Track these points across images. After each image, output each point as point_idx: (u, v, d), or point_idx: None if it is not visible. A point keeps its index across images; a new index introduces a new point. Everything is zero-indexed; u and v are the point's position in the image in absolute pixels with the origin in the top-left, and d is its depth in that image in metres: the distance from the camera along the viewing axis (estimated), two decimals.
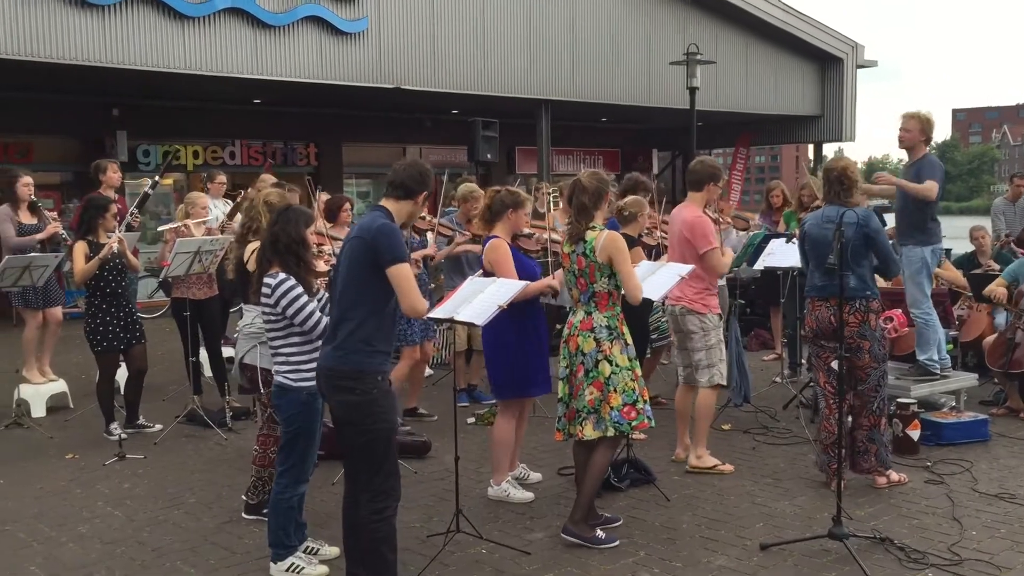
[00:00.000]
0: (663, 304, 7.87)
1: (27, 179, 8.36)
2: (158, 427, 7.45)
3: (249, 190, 7.85)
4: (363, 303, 4.08)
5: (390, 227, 4.11)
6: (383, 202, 4.27)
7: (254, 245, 5.23)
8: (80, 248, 7.04)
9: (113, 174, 8.62)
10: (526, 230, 6.15)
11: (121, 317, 7.18)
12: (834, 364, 5.80)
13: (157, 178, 8.85)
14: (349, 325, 4.08)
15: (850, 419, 5.87)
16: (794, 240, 7.32)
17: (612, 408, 5.01)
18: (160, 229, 8.42)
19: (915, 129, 6.95)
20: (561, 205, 8.35)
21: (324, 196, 8.02)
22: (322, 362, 4.21)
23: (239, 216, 7.92)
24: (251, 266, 5.18)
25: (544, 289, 5.61)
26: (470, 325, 5.80)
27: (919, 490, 5.86)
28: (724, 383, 6.34)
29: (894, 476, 5.92)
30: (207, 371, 8.38)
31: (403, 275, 4.04)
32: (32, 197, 8.33)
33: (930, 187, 6.83)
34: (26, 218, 8.29)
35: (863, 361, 5.76)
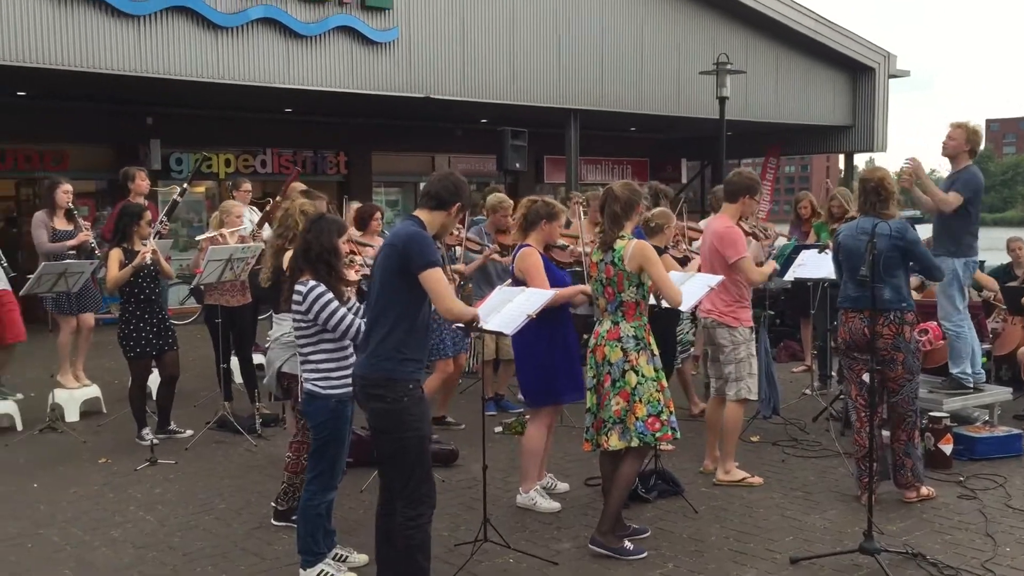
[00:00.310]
0: (691, 316, 7.84)
1: (67, 187, 8.53)
2: (189, 433, 7.52)
3: (278, 198, 7.92)
4: (393, 310, 4.10)
5: (421, 234, 4.13)
6: (416, 212, 4.29)
7: (291, 253, 5.26)
8: (115, 255, 7.14)
9: (141, 182, 8.74)
10: (560, 242, 6.16)
11: (154, 323, 7.26)
12: (865, 377, 5.75)
13: (186, 185, 8.95)
14: (380, 332, 4.11)
15: (886, 433, 5.82)
16: (826, 251, 7.26)
17: (637, 419, 5.00)
18: (198, 239, 8.53)
19: (960, 139, 6.89)
20: (587, 215, 8.37)
21: (355, 205, 8.08)
22: (355, 370, 4.26)
23: (267, 227, 8.00)
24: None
25: (575, 295, 5.61)
26: (499, 334, 5.82)
27: (952, 505, 5.79)
28: (752, 397, 6.28)
29: (923, 490, 5.86)
30: (237, 378, 8.45)
31: (436, 279, 4.05)
32: (70, 204, 8.48)
33: (950, 199, 6.74)
34: (61, 224, 8.44)
35: (896, 373, 5.70)
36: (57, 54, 10.62)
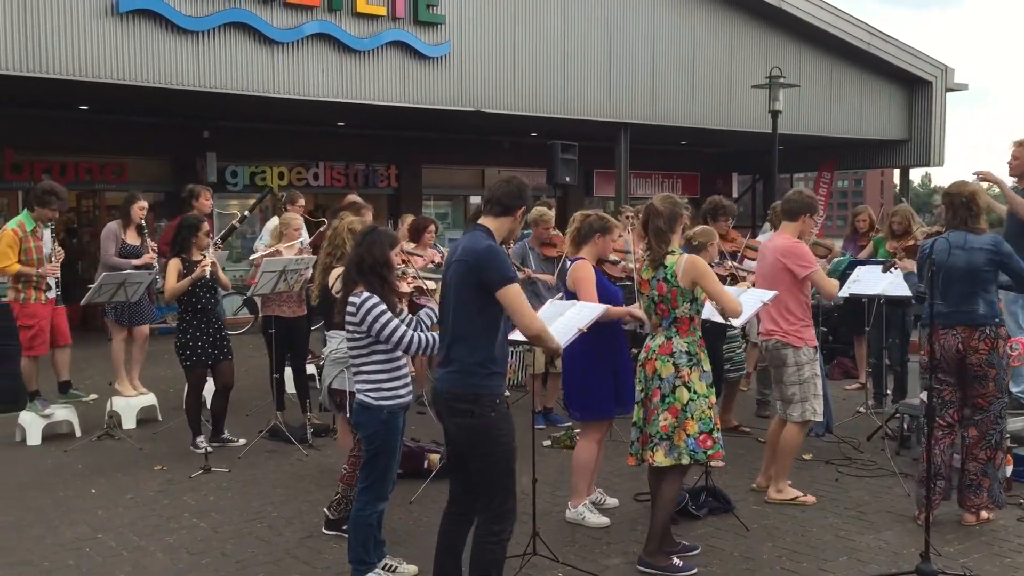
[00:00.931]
0: (743, 335, 7.75)
1: (143, 203, 8.84)
2: (242, 441, 7.62)
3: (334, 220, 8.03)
4: (478, 325, 4.07)
5: (494, 248, 4.11)
6: (482, 220, 4.27)
7: (338, 271, 5.33)
8: (174, 265, 7.29)
9: (206, 201, 8.92)
10: (612, 256, 6.14)
11: (210, 333, 7.39)
12: (922, 395, 5.63)
13: (247, 212, 9.10)
14: (463, 348, 4.08)
15: (956, 456, 5.68)
16: (893, 269, 7.10)
17: (688, 435, 4.95)
18: (252, 259, 8.68)
19: (1023, 156, 6.80)
20: (631, 230, 8.33)
21: (409, 218, 8.15)
22: (438, 385, 4.21)
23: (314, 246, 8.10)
24: (336, 290, 5.30)
25: (623, 315, 5.58)
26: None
27: (1012, 528, 5.65)
28: (817, 419, 6.13)
29: (983, 514, 5.72)
30: (290, 388, 8.55)
31: (514, 295, 4.03)
32: (141, 221, 8.71)
33: None
34: (131, 238, 8.68)
35: (987, 390, 5.56)
36: (118, 69, 10.88)
